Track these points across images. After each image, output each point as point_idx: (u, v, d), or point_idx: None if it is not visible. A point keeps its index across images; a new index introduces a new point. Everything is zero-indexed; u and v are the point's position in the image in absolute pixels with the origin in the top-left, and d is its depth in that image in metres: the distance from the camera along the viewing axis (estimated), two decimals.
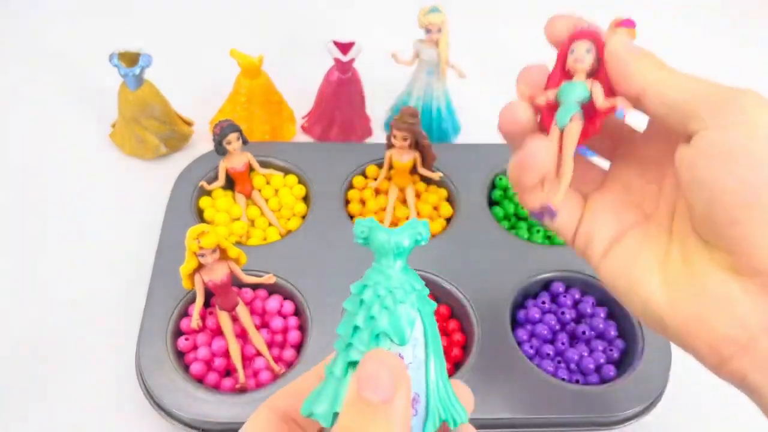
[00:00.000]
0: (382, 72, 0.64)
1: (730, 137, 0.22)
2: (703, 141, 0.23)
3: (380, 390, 0.18)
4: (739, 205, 0.22)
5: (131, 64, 0.55)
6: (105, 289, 0.51)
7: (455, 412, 0.21)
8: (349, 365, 0.20)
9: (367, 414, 0.18)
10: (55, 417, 0.44)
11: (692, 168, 0.24)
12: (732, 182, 0.22)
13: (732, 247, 0.23)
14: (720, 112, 0.23)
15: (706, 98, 0.23)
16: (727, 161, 0.22)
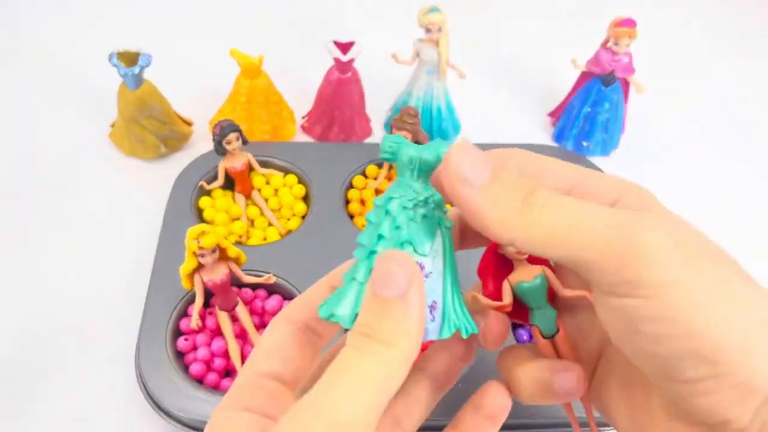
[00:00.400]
0: (382, 72, 0.64)
1: (631, 306, 0.18)
2: (607, 308, 0.19)
3: (395, 286, 0.18)
4: (664, 379, 0.19)
5: (131, 63, 0.55)
6: (104, 289, 0.51)
7: (467, 323, 0.22)
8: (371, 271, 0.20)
9: (384, 310, 0.19)
10: (55, 417, 0.44)
11: (610, 334, 0.20)
12: (647, 358, 0.19)
13: (672, 403, 0.20)
14: (611, 275, 0.18)
15: (588, 256, 0.19)
16: (634, 335, 0.19)
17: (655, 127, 0.68)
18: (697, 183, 0.63)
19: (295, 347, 0.22)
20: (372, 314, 0.19)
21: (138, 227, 0.55)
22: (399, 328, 0.19)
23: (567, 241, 0.19)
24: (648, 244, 0.18)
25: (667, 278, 0.18)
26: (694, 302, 0.18)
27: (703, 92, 0.73)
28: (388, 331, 0.18)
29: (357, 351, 0.19)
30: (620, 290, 0.19)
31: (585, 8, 0.82)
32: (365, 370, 0.18)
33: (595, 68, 0.59)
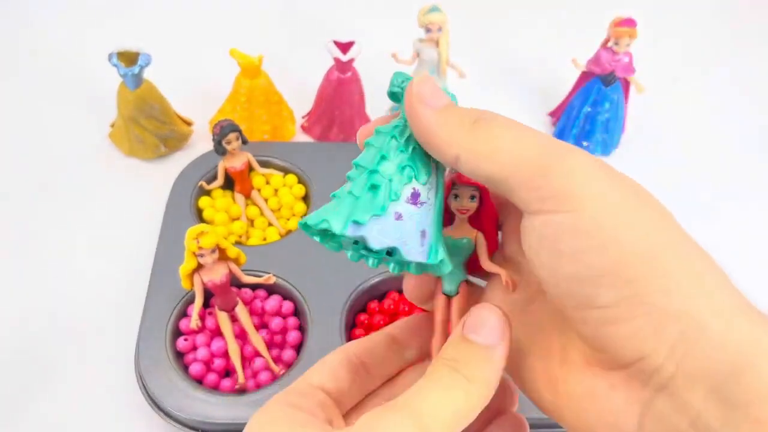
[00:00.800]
0: (382, 72, 0.63)
1: (554, 223, 0.19)
2: (531, 228, 0.20)
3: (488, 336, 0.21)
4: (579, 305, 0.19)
5: (130, 63, 0.55)
6: (104, 289, 0.51)
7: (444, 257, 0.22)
8: (371, 188, 0.21)
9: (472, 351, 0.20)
10: (55, 417, 0.44)
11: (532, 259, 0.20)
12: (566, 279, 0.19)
13: (590, 343, 0.20)
14: (539, 189, 0.19)
15: (522, 172, 0.19)
16: (556, 253, 0.19)
17: (656, 127, 0.68)
18: (698, 182, 0.63)
19: (347, 372, 0.24)
20: (462, 352, 0.21)
21: (138, 227, 0.55)
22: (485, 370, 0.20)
23: (505, 157, 0.20)
24: (576, 161, 0.19)
25: (591, 191, 0.18)
26: (615, 216, 0.18)
27: (704, 92, 0.73)
28: (474, 369, 0.20)
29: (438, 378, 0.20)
30: (545, 206, 0.19)
31: (585, 8, 0.82)
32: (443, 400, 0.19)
33: (595, 68, 0.59)
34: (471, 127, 0.20)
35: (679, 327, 0.17)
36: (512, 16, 0.81)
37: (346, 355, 0.24)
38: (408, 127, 0.22)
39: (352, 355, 0.24)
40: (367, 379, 0.25)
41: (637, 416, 0.19)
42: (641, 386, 0.18)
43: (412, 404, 0.19)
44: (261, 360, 0.45)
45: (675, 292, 0.17)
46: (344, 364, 0.24)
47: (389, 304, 0.48)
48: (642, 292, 0.18)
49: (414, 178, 0.22)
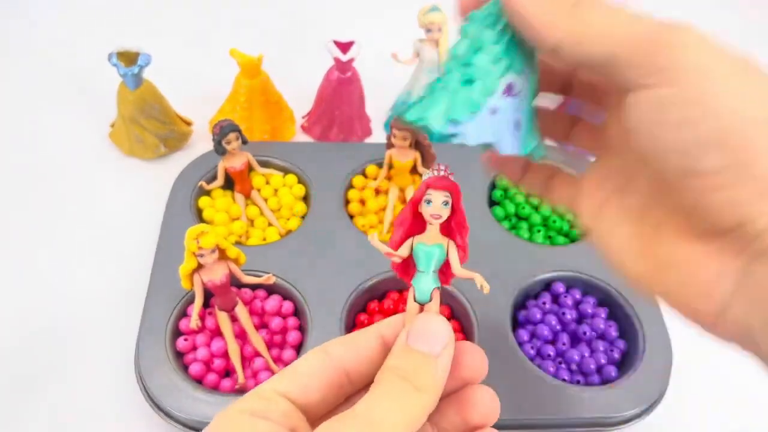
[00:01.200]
0: (382, 72, 0.64)
1: (659, 96, 0.19)
2: (635, 105, 0.20)
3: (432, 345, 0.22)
4: (684, 174, 0.19)
5: (130, 63, 0.55)
6: (104, 289, 0.51)
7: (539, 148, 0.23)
8: (467, 82, 0.21)
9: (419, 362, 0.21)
10: (54, 417, 0.44)
11: (635, 135, 0.20)
12: (671, 150, 0.19)
13: (690, 212, 0.20)
14: (645, 66, 0.19)
15: (627, 51, 0.19)
16: (661, 125, 0.19)
17: None
18: None
19: (321, 380, 0.22)
20: (409, 362, 0.21)
21: (137, 227, 0.55)
22: (431, 378, 0.21)
23: (610, 37, 0.20)
24: (684, 36, 0.19)
25: (698, 63, 0.18)
26: (722, 86, 0.18)
27: None
28: (422, 379, 0.21)
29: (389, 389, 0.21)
30: (652, 80, 0.19)
31: None
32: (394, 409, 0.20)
33: None
34: (571, 9, 0.20)
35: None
36: None
37: (327, 364, 0.23)
38: (502, 14, 0.21)
39: (335, 361, 0.23)
40: (348, 386, 0.23)
41: (732, 284, 0.19)
42: (736, 254, 0.19)
43: (366, 414, 0.20)
44: (261, 360, 0.45)
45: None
46: (320, 376, 0.22)
47: (389, 305, 0.48)
48: (746, 159, 0.18)
49: (509, 69, 0.21)
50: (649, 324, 0.46)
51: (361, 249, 0.50)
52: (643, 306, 0.47)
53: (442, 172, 0.24)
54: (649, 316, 0.46)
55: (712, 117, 0.18)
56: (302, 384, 0.22)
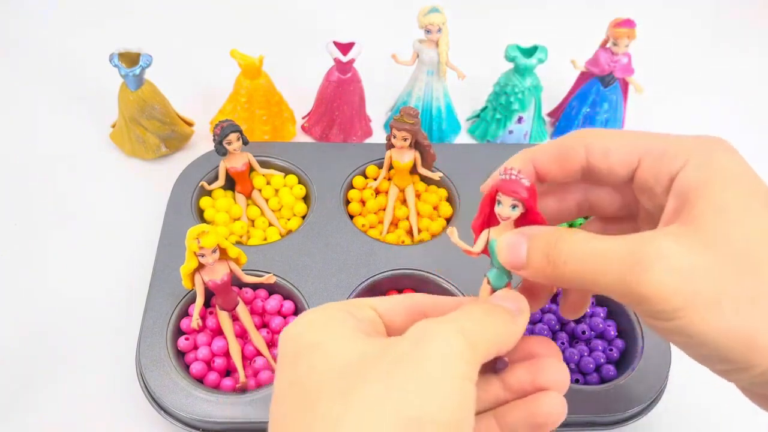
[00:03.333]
0: (382, 72, 0.64)
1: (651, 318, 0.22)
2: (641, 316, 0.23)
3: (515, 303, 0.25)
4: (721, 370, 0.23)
5: (131, 64, 0.55)
6: (105, 289, 0.51)
7: None
8: None
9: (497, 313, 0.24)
10: (55, 416, 0.44)
11: None
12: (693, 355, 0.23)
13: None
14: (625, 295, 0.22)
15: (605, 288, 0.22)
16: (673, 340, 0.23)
17: (655, 127, 0.68)
18: None
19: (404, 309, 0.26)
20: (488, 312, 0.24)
21: (139, 227, 0.55)
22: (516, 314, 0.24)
23: (593, 284, 0.22)
24: (657, 287, 0.21)
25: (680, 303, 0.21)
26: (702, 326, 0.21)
27: (704, 92, 0.73)
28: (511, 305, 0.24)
29: (491, 304, 0.24)
30: (645, 315, 0.22)
31: (585, 8, 0.82)
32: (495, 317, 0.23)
33: (594, 68, 0.60)
34: (551, 268, 0.23)
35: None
36: (512, 17, 0.82)
37: (413, 301, 0.26)
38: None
39: (418, 302, 0.26)
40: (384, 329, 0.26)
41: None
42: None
43: (460, 320, 0.22)
44: (262, 359, 0.45)
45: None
46: (406, 305, 0.26)
47: None
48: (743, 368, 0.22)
49: None
50: None
51: (361, 249, 0.50)
52: None
53: (513, 176, 0.25)
54: None
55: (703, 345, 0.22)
56: (389, 305, 0.26)
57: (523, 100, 0.60)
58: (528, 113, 0.61)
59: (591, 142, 0.25)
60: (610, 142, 0.25)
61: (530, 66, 0.58)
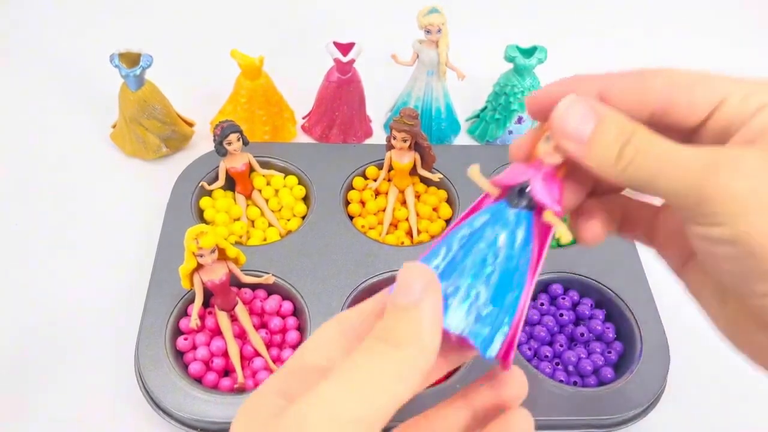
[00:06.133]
0: (382, 73, 0.64)
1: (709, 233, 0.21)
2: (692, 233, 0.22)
3: (409, 294, 0.20)
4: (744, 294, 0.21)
5: (132, 64, 0.55)
6: (105, 289, 0.51)
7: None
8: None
9: (399, 317, 0.20)
10: (54, 416, 0.44)
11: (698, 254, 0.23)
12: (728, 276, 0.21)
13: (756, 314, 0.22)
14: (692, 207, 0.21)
15: (674, 195, 0.21)
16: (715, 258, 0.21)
17: None
18: None
19: (342, 348, 0.23)
20: (389, 320, 0.20)
21: (139, 227, 0.55)
22: (410, 331, 0.20)
23: (654, 186, 0.21)
24: (725, 188, 0.20)
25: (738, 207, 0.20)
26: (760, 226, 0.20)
27: None
28: (400, 334, 0.20)
29: (368, 351, 0.20)
30: (699, 220, 0.21)
31: (584, 8, 0.82)
32: (374, 370, 0.19)
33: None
34: (618, 160, 0.21)
35: None
36: (512, 16, 0.81)
37: (341, 328, 0.23)
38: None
39: (347, 328, 0.23)
40: None
41: None
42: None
43: (322, 396, 0.19)
44: (260, 360, 0.45)
45: None
46: (339, 339, 0.23)
47: None
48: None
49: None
50: (647, 326, 0.46)
51: (360, 250, 0.50)
52: (641, 308, 0.47)
53: None
54: (646, 318, 0.47)
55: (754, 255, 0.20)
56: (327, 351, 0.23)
57: (522, 100, 0.60)
58: (527, 113, 0.61)
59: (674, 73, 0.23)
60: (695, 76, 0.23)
61: (529, 66, 0.58)
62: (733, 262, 0.21)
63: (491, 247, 0.22)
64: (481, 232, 0.22)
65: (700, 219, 0.21)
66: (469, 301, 0.22)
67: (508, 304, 0.22)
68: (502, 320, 0.22)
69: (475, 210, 0.24)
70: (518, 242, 0.22)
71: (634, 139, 0.21)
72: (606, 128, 0.22)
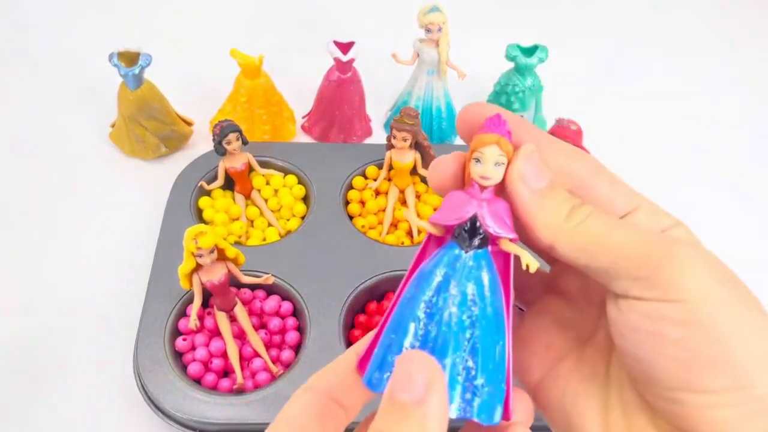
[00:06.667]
0: (382, 72, 0.64)
1: (657, 310, 0.19)
2: (628, 312, 0.20)
3: (413, 390, 0.18)
4: (676, 387, 0.19)
5: (131, 63, 0.55)
6: (103, 289, 0.51)
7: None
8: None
9: (401, 416, 0.18)
10: (53, 417, 0.44)
11: (622, 338, 0.20)
12: (665, 362, 0.19)
13: (675, 422, 0.20)
14: (644, 277, 0.19)
15: (623, 264, 0.19)
16: (657, 338, 0.19)
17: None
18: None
19: (314, 419, 0.21)
20: (387, 419, 0.18)
21: (137, 227, 0.55)
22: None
23: (605, 249, 0.20)
24: (684, 256, 0.19)
25: (702, 287, 0.19)
26: (725, 313, 0.19)
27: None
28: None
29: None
30: (649, 294, 0.19)
31: (584, 7, 0.82)
32: None
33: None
34: (568, 216, 0.20)
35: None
36: (511, 17, 0.81)
37: (313, 394, 0.21)
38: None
39: (321, 395, 0.21)
40: (345, 416, 0.22)
41: None
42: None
43: None
44: (259, 360, 0.45)
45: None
46: (312, 408, 0.21)
47: (388, 306, 0.48)
48: (747, 384, 0.18)
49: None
50: None
51: (360, 250, 0.50)
52: None
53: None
54: None
55: (715, 341, 0.19)
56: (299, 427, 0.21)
57: (523, 99, 0.60)
58: (528, 113, 0.61)
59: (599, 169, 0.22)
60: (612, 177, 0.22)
61: (531, 65, 0.58)
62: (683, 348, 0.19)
63: (462, 306, 0.20)
64: (445, 292, 0.20)
65: (649, 292, 0.19)
66: (460, 378, 0.20)
67: (498, 360, 0.20)
68: (499, 381, 0.20)
69: (421, 259, 0.21)
70: (486, 288, 0.21)
71: (584, 206, 0.21)
72: (559, 190, 0.21)
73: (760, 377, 0.18)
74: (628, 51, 0.76)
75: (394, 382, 0.18)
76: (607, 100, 0.69)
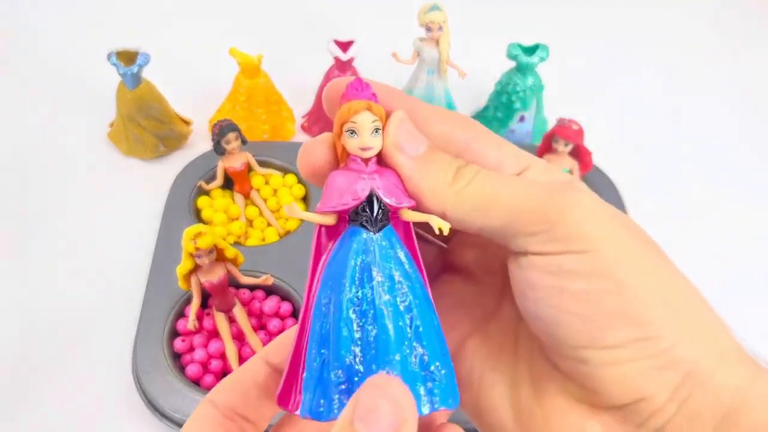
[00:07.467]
0: (383, 71, 0.63)
1: (558, 264, 0.18)
2: (528, 268, 0.18)
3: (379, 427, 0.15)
4: (580, 345, 0.18)
5: (129, 62, 0.54)
6: (102, 289, 0.51)
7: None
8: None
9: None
10: (51, 418, 0.44)
11: (524, 298, 0.19)
12: (568, 318, 0.18)
13: (583, 382, 0.18)
14: (542, 231, 0.18)
15: (519, 220, 0.18)
16: (559, 294, 0.18)
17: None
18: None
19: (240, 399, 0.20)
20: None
21: (136, 227, 0.54)
22: None
23: (498, 207, 0.19)
24: (580, 203, 0.18)
25: (600, 233, 0.18)
26: (627, 260, 0.18)
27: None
28: None
29: None
30: (549, 248, 0.18)
31: (585, 7, 0.82)
32: None
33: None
34: (453, 181, 0.19)
35: (684, 370, 0.17)
36: (511, 17, 0.81)
37: (215, 410, 0.20)
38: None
39: (222, 407, 0.20)
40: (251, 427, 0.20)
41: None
42: (636, 428, 0.18)
43: None
44: None
45: (683, 338, 0.17)
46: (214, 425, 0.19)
47: None
48: (653, 335, 0.17)
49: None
50: None
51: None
52: None
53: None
54: None
55: (617, 291, 0.17)
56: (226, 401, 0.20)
57: (524, 98, 0.59)
58: (530, 112, 0.61)
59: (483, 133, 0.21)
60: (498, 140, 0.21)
61: (532, 64, 0.57)
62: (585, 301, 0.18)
63: (393, 291, 0.18)
64: (370, 282, 0.18)
65: (549, 246, 0.18)
66: (416, 369, 0.18)
67: (441, 336, 0.19)
68: (447, 358, 0.19)
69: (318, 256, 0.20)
70: (406, 265, 0.19)
71: (469, 166, 0.19)
72: (440, 152, 0.20)
73: (666, 329, 0.17)
74: (628, 51, 0.76)
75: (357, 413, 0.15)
76: (607, 100, 0.69)
